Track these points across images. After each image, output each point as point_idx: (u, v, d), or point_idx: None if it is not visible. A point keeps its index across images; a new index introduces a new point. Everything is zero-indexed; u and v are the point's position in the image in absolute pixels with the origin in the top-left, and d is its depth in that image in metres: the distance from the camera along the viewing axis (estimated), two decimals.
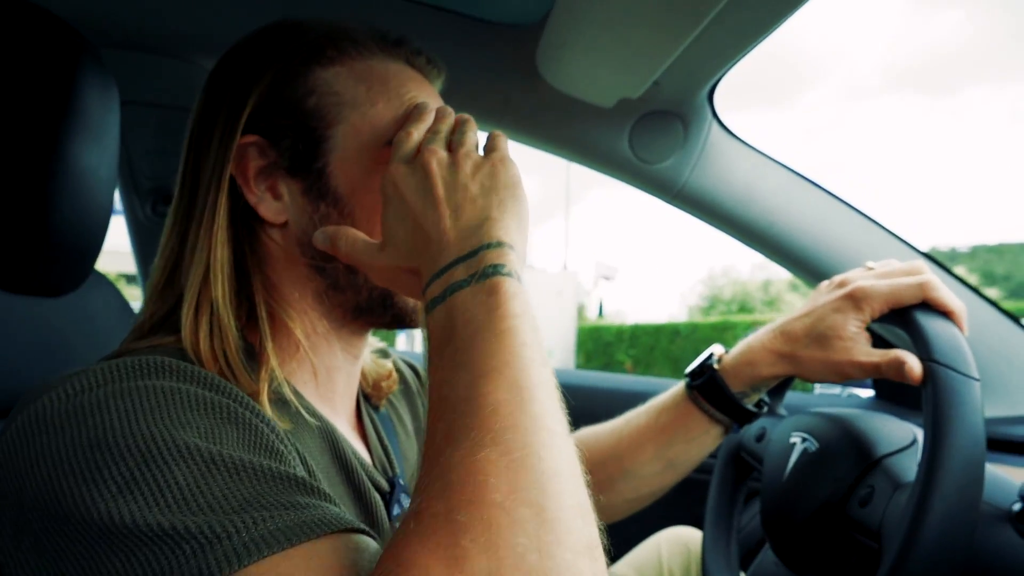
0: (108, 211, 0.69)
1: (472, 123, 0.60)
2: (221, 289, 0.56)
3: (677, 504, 0.96)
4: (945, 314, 0.66)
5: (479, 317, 0.45)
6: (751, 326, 8.67)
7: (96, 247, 0.69)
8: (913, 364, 0.63)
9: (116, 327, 0.77)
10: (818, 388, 1.39)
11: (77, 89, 0.63)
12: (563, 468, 0.39)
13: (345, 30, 0.63)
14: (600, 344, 12.39)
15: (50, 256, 0.65)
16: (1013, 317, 1.10)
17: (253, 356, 0.56)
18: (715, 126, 1.05)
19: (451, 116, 0.60)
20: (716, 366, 0.81)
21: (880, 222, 1.10)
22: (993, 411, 1.07)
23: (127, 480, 0.39)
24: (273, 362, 0.55)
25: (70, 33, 0.64)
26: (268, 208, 0.60)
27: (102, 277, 0.80)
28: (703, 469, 0.93)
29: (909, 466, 0.63)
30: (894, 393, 1.24)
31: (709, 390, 0.81)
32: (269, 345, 0.56)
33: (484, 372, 0.42)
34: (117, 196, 1.39)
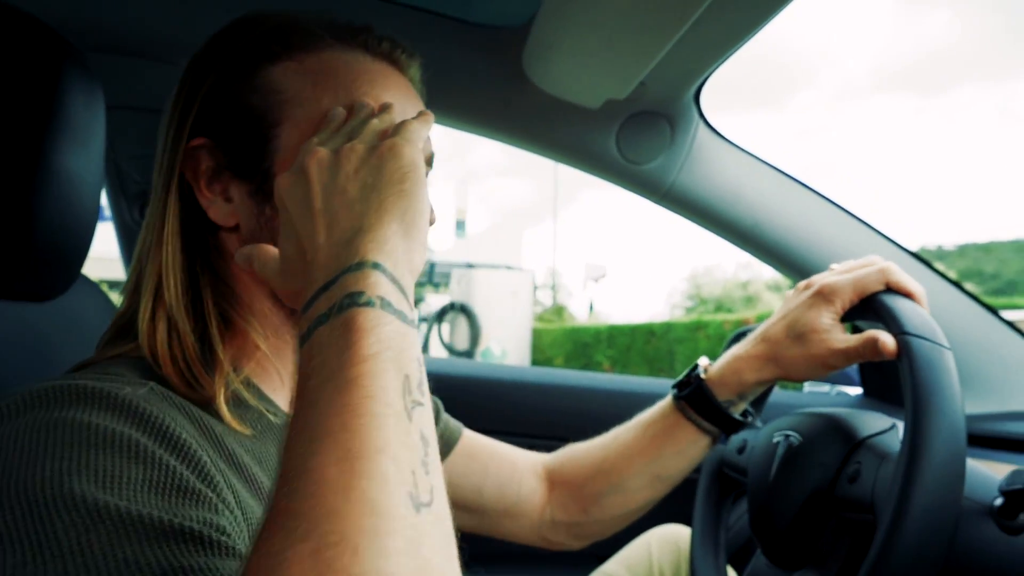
0: (95, 215, 0.69)
1: (390, 109, 0.55)
2: (174, 293, 0.55)
3: (668, 502, 0.97)
4: (907, 295, 0.69)
5: (329, 364, 0.39)
6: (723, 324, 8.72)
7: (83, 251, 0.69)
8: (886, 339, 0.65)
9: (103, 331, 0.77)
10: (807, 387, 1.40)
11: (62, 94, 0.63)
12: (387, 565, 0.32)
13: (297, 22, 0.60)
14: (579, 345, 12.50)
15: (36, 261, 0.65)
16: (995, 313, 1.11)
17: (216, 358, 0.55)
18: (702, 126, 1.05)
19: (365, 111, 0.55)
20: (703, 376, 0.83)
21: (867, 221, 1.11)
22: (974, 407, 1.09)
23: (10, 531, 0.37)
24: (227, 367, 0.54)
25: (54, 38, 0.64)
26: (218, 211, 0.58)
27: (89, 281, 0.80)
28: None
29: (892, 443, 0.65)
30: (881, 390, 1.25)
31: (696, 400, 0.83)
32: (220, 349, 0.54)
33: (318, 438, 0.36)
34: (105, 201, 1.38)
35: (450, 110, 1.05)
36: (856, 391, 1.31)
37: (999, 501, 0.62)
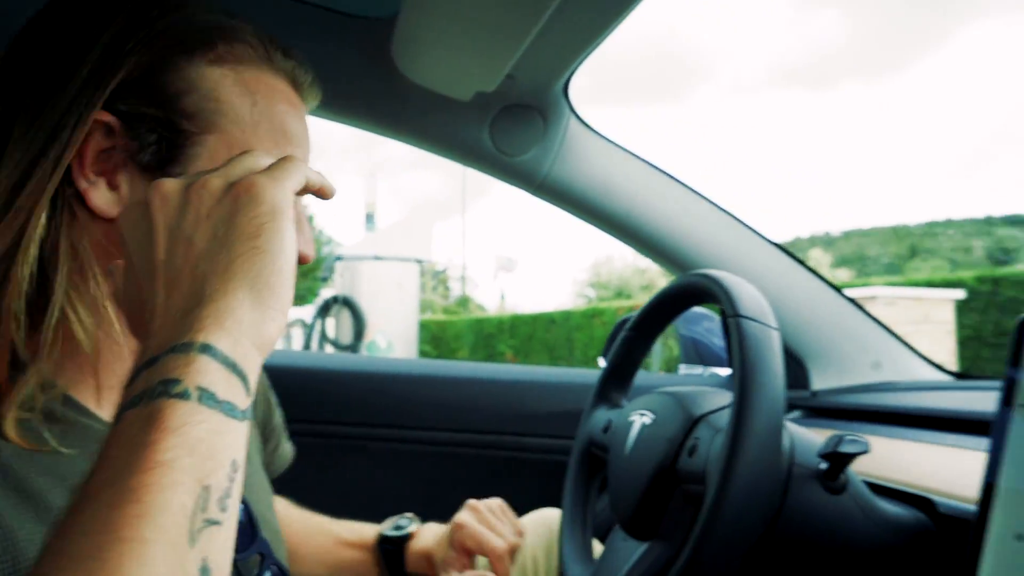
0: None
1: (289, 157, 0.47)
2: (16, 285, 0.47)
3: (546, 488, 1.00)
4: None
5: (118, 462, 0.34)
6: (618, 311, 9.10)
7: None
8: None
9: None
10: (683, 368, 1.47)
11: None
12: None
13: (235, 26, 0.55)
14: (483, 336, 12.71)
15: None
16: (845, 296, 1.20)
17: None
18: (573, 120, 1.08)
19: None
20: (407, 541, 0.90)
21: (733, 214, 1.17)
22: (825, 383, 1.18)
23: None
24: (32, 381, 0.47)
25: None
26: (101, 197, 0.51)
27: None
28: (565, 451, 0.96)
29: (728, 418, 0.70)
30: None
31: (392, 560, 0.89)
32: (44, 357, 0.48)
33: (65, 559, 0.31)
34: None
35: (320, 101, 1.04)
36: (727, 371, 1.39)
37: (824, 465, 0.68)
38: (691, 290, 0.77)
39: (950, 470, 0.74)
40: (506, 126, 1.06)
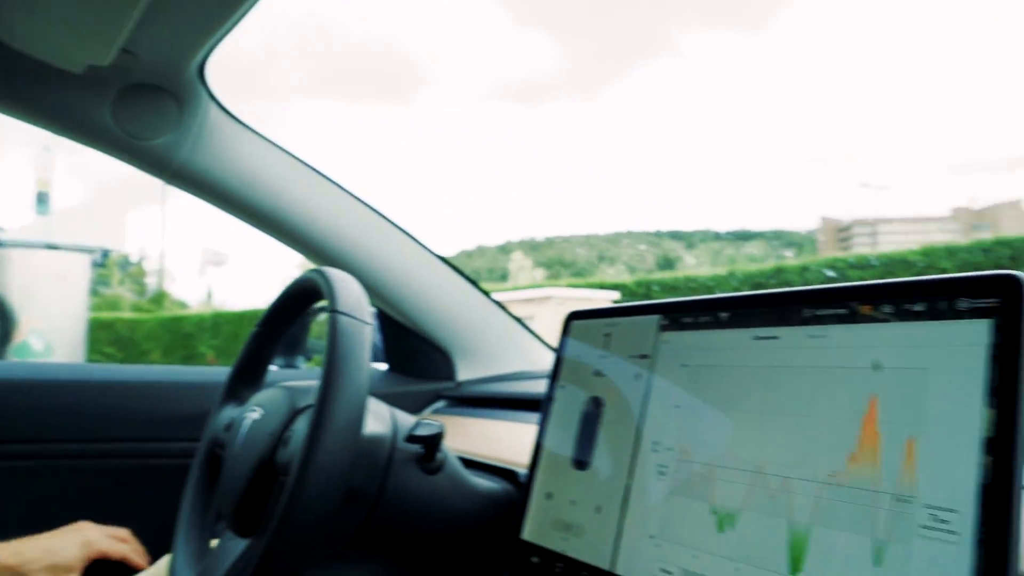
0: None
1: None
2: None
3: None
4: None
5: None
6: None
7: None
8: None
9: None
10: None
11: None
12: None
13: None
14: (180, 336, 11.62)
15: None
16: (492, 298, 1.31)
17: None
18: (213, 107, 1.03)
19: None
20: None
21: (389, 217, 1.21)
22: (471, 374, 1.28)
23: None
24: None
25: None
26: None
27: None
28: None
29: None
30: (404, 365, 1.39)
31: None
32: None
33: None
34: None
35: None
36: (383, 367, 1.43)
37: (421, 449, 0.73)
38: (307, 286, 0.78)
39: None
40: (132, 107, 0.97)
